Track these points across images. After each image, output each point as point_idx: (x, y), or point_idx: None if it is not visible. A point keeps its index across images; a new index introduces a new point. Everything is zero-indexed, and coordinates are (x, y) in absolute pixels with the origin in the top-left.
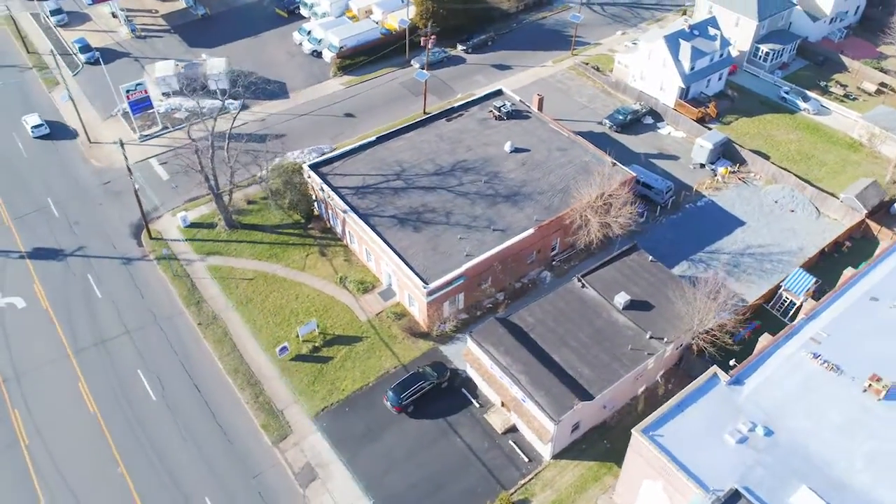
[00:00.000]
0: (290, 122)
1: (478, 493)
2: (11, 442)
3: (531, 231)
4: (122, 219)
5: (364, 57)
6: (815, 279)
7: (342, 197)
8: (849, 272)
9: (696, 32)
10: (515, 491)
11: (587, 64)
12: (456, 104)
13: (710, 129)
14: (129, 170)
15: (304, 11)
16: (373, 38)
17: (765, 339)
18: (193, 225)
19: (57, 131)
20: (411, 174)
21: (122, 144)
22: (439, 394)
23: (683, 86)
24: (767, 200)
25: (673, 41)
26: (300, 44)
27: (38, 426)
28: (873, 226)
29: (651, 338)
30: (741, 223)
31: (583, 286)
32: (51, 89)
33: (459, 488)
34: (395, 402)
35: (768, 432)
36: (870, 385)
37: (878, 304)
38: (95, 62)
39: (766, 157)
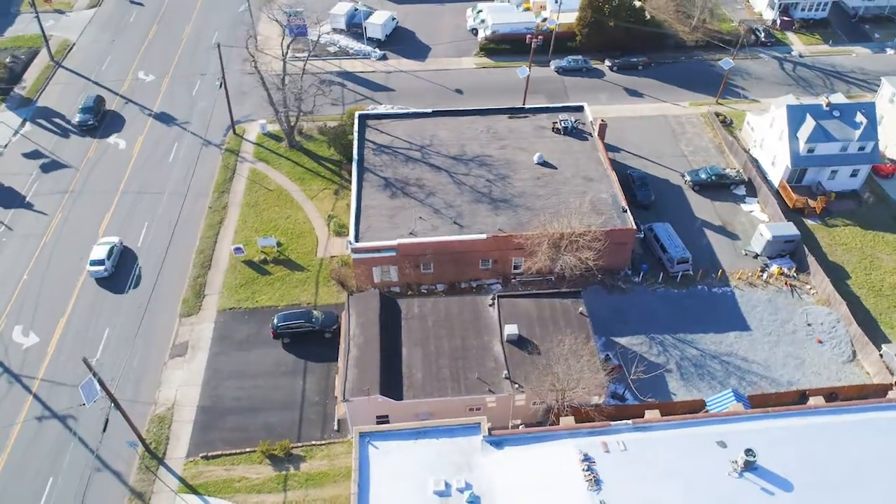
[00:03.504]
0: (407, 81)
1: (276, 431)
2: (38, 234)
3: (480, 237)
4: (215, 115)
5: (508, 45)
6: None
7: (360, 147)
8: (734, 406)
9: (835, 113)
10: (301, 447)
11: (718, 115)
12: (527, 106)
13: (800, 222)
14: (222, 72)
15: None
16: (525, 31)
17: (566, 422)
18: (268, 134)
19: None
20: (432, 150)
21: (218, 47)
22: (321, 341)
23: (791, 166)
24: (801, 320)
25: (796, 113)
26: (467, 19)
27: (60, 230)
28: None
29: (506, 378)
30: (746, 329)
31: (491, 305)
32: (265, 3)
33: (267, 420)
34: (272, 328)
35: (474, 502)
36: None
37: (714, 451)
38: None
39: (844, 277)
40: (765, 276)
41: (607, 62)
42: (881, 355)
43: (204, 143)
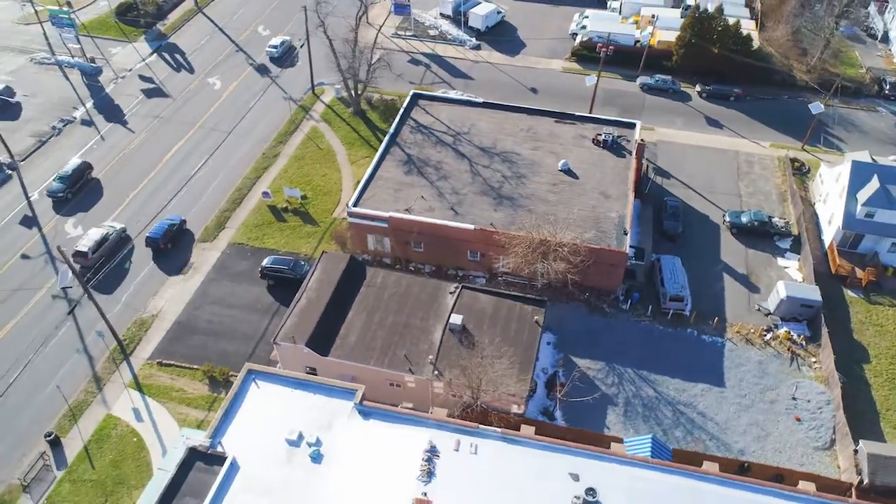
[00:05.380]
0: (489, 72)
1: (226, 358)
2: (121, 147)
3: (468, 227)
4: (318, 77)
5: (598, 54)
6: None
7: (400, 122)
8: (619, 448)
9: None
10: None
11: (794, 161)
12: (576, 113)
13: (840, 291)
14: (307, 34)
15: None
16: (621, 43)
17: (438, 413)
18: (341, 99)
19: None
20: (466, 138)
21: (304, 10)
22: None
23: (842, 228)
24: (786, 392)
25: (861, 171)
26: (572, 23)
27: (138, 148)
28: None
29: (430, 363)
30: (719, 384)
31: (451, 293)
32: None
33: (225, 347)
34: (261, 268)
35: (316, 458)
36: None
37: (563, 481)
38: None
39: (863, 359)
40: (768, 336)
41: (698, 87)
42: (855, 451)
43: (285, 97)
